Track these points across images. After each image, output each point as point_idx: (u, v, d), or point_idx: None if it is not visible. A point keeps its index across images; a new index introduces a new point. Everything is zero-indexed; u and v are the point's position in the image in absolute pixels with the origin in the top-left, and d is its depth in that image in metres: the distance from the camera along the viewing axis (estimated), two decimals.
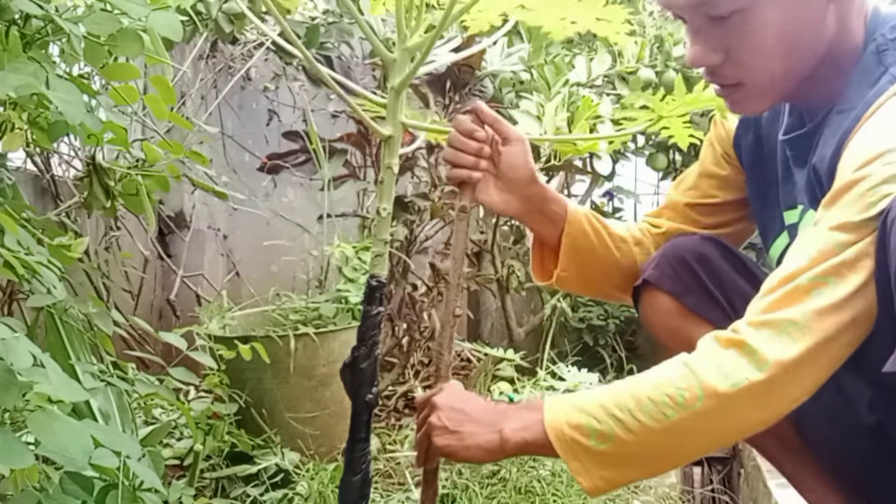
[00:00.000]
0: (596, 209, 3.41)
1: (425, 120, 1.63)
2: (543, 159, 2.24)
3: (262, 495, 1.89)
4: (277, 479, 1.94)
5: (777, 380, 0.97)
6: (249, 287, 2.85)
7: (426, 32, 1.26)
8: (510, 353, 2.65)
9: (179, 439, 2.01)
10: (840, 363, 1.00)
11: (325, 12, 2.54)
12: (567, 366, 2.59)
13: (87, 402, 1.26)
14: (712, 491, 2.43)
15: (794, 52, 1.10)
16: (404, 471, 2.08)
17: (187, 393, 2.27)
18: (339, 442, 2.09)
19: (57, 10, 1.13)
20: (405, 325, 2.57)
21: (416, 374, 2.71)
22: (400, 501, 1.93)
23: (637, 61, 2.89)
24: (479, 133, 1.27)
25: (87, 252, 1.99)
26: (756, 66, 1.11)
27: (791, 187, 1.23)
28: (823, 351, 0.98)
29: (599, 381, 2.56)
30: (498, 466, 2.03)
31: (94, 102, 1.30)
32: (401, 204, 2.44)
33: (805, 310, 0.97)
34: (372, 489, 1.28)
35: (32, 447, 0.89)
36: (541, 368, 2.62)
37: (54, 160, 2.21)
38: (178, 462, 1.94)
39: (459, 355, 2.88)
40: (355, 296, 2.29)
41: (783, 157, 1.24)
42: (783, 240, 1.25)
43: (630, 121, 1.55)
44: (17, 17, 1.17)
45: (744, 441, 2.22)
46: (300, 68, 2.81)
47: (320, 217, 2.65)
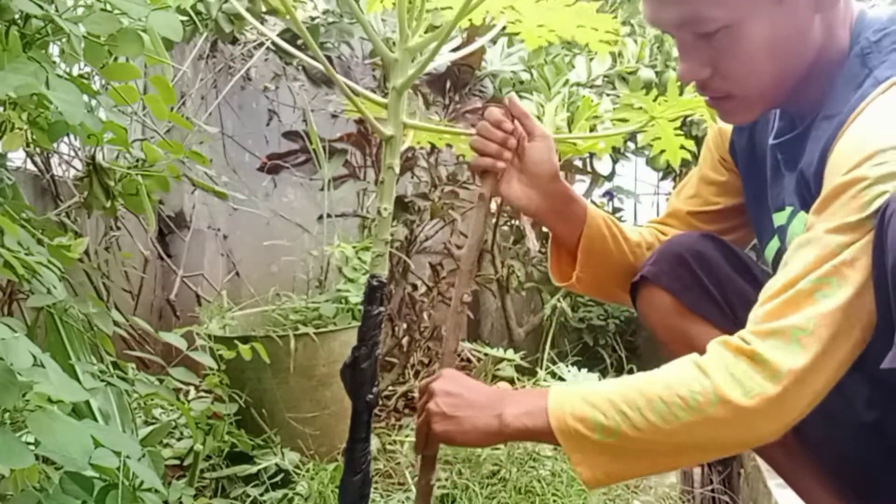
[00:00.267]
0: None
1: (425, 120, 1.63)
2: None
3: (262, 495, 1.89)
4: (277, 479, 1.94)
5: (790, 390, 0.97)
6: (249, 287, 2.85)
7: (426, 32, 1.26)
8: (510, 353, 2.64)
9: (179, 439, 2.01)
10: (848, 365, 1.00)
11: (325, 12, 2.54)
12: (567, 366, 2.58)
13: (87, 402, 1.26)
14: (712, 491, 2.42)
15: (781, 64, 1.11)
16: (404, 471, 2.08)
17: (187, 393, 2.27)
18: (339, 442, 2.09)
19: (57, 10, 1.13)
20: (405, 325, 2.58)
21: (416, 374, 2.71)
22: (400, 501, 1.93)
23: (637, 61, 2.89)
24: (507, 124, 1.28)
25: (87, 252, 2.00)
26: (744, 79, 1.12)
27: (780, 190, 1.23)
28: (833, 355, 0.98)
29: (599, 381, 2.55)
30: (498, 466, 2.02)
31: (94, 102, 1.30)
32: (401, 204, 2.44)
33: (811, 314, 0.97)
34: (372, 489, 1.28)
35: (32, 447, 0.89)
36: (541, 368, 2.62)
37: (54, 160, 2.21)
38: (178, 462, 1.94)
39: (459, 355, 2.87)
40: (355, 296, 2.29)
41: (773, 161, 1.25)
42: (774, 243, 1.26)
43: (623, 122, 1.56)
44: (17, 17, 1.17)
45: None
46: (300, 68, 2.81)
47: (320, 217, 2.65)
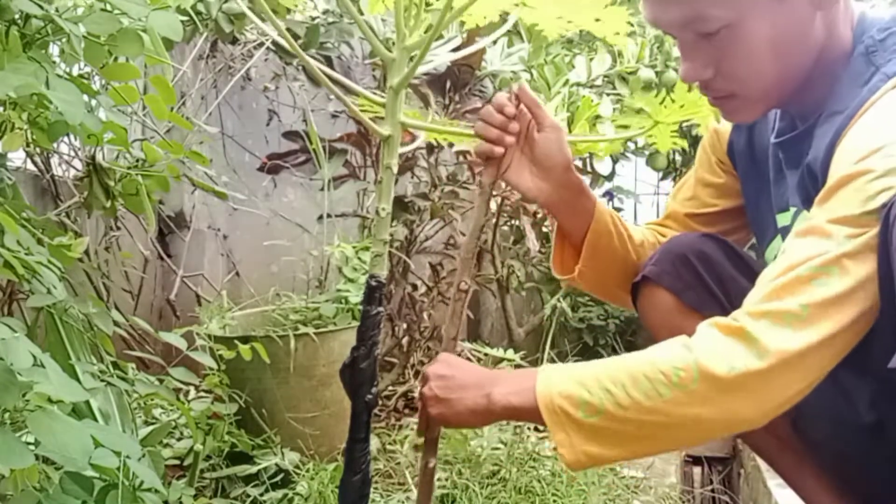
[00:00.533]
0: None
1: (425, 120, 1.63)
2: None
3: (262, 495, 1.89)
4: (277, 479, 1.94)
5: (776, 370, 0.96)
6: (249, 287, 2.85)
7: (425, 32, 1.26)
8: (510, 353, 2.64)
9: (179, 439, 2.01)
10: (839, 359, 0.99)
11: (325, 12, 2.54)
12: None
13: (87, 402, 1.26)
14: (712, 491, 2.43)
15: (783, 62, 1.11)
16: (404, 471, 2.08)
17: (187, 393, 2.27)
18: (339, 442, 2.09)
19: (57, 10, 1.13)
20: (405, 325, 2.58)
21: (416, 374, 2.71)
22: (400, 501, 1.93)
23: (637, 61, 2.90)
24: (508, 108, 1.27)
25: (87, 252, 2.00)
26: (747, 79, 1.12)
27: (783, 190, 1.23)
28: (824, 345, 0.96)
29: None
30: (498, 466, 2.02)
31: (94, 102, 1.30)
32: (401, 204, 2.44)
33: (806, 301, 0.96)
34: (372, 489, 1.28)
35: (32, 447, 0.89)
36: None
37: (54, 160, 2.21)
38: (178, 462, 1.94)
39: (459, 355, 2.87)
40: (355, 296, 2.29)
41: (775, 161, 1.25)
42: (777, 243, 1.25)
43: (625, 127, 1.56)
44: (17, 17, 1.17)
45: (742, 441, 2.23)
46: (300, 68, 2.81)
47: (320, 217, 2.65)
